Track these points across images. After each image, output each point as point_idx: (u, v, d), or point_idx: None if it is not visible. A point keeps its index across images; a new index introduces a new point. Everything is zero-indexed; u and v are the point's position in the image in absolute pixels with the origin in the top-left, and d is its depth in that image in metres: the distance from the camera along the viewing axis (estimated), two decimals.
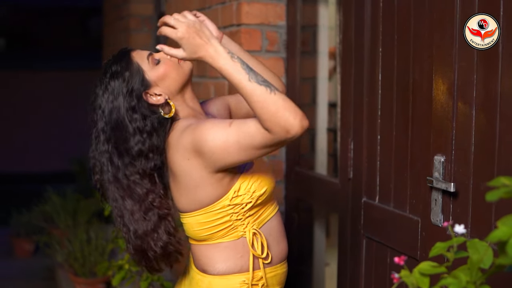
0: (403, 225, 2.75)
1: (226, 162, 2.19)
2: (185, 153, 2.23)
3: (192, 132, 2.21)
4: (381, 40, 2.89)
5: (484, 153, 2.31)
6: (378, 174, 2.95)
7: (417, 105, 2.65)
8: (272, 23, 3.75)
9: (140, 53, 2.35)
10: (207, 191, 2.28)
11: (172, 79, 2.31)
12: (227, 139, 2.14)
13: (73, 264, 5.32)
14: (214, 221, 2.33)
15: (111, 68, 2.31)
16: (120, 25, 6.87)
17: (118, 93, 2.28)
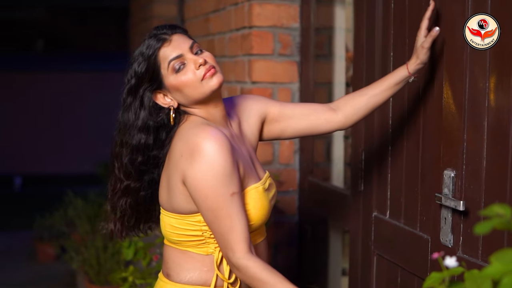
0: (413, 243, 2.56)
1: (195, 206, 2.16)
2: (175, 158, 2.14)
3: (193, 154, 2.09)
4: (392, 43, 2.70)
5: (496, 168, 2.11)
6: (389, 188, 2.76)
7: (428, 114, 2.47)
8: (285, 25, 3.57)
9: (168, 51, 2.16)
10: (180, 200, 2.17)
11: (184, 95, 2.17)
12: (213, 198, 2.09)
13: (88, 271, 5.18)
14: (185, 230, 2.20)
15: (140, 49, 2.19)
16: (144, 26, 6.75)
17: (132, 77, 2.20)
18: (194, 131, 2.13)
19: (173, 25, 2.23)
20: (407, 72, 2.34)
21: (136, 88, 2.18)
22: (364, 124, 2.90)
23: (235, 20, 3.80)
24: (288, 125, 2.46)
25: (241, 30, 3.69)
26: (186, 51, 2.15)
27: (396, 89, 2.40)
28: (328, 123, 2.46)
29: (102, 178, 8.69)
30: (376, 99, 2.42)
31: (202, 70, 2.13)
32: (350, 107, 2.44)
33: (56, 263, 6.84)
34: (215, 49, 4.26)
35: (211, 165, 2.07)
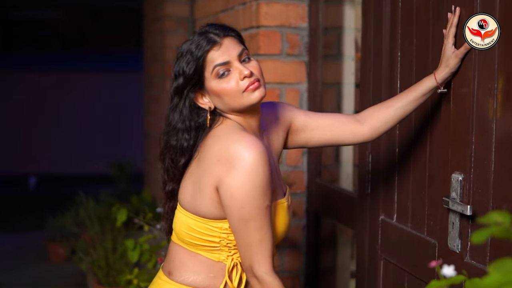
0: (420, 248, 2.50)
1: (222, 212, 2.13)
2: (210, 161, 2.09)
3: (232, 161, 2.04)
4: (399, 43, 2.64)
5: (505, 171, 2.04)
6: (396, 191, 2.70)
7: (435, 116, 2.40)
8: (293, 25, 3.51)
9: (216, 55, 2.10)
10: (207, 204, 2.13)
11: (223, 102, 2.13)
12: (249, 208, 2.06)
13: (97, 272, 5.14)
14: (202, 234, 2.16)
15: (190, 47, 2.12)
16: (157, 26, 6.71)
17: (180, 75, 2.14)
18: (235, 137, 2.09)
19: (226, 27, 2.17)
20: (435, 82, 2.25)
21: (182, 88, 2.13)
22: None
23: (243, 19, 3.74)
24: (312, 136, 2.42)
25: (249, 30, 3.64)
26: (233, 58, 2.10)
27: (422, 100, 2.32)
28: (353, 135, 2.41)
29: (115, 178, 8.69)
30: (402, 111, 2.35)
31: (246, 82, 2.09)
32: (376, 119, 2.39)
33: (67, 264, 6.81)
34: None
35: (251, 175, 2.03)
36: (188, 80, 2.11)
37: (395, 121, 2.38)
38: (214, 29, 2.13)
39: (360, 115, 2.44)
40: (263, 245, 2.07)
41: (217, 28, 2.13)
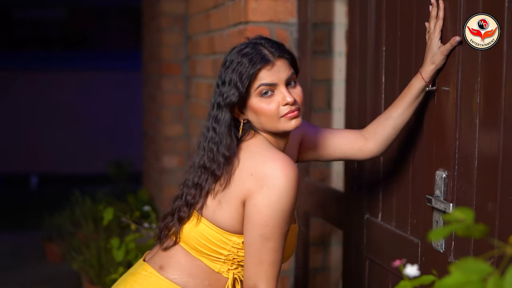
0: (403, 247, 2.43)
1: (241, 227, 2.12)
2: (242, 174, 2.08)
3: (267, 179, 2.02)
4: (384, 37, 2.58)
5: (487, 168, 1.98)
6: (381, 189, 2.64)
7: (419, 112, 2.33)
8: (282, 20, 3.44)
9: (265, 75, 2.07)
10: (229, 216, 2.11)
11: (258, 120, 2.12)
12: (272, 228, 2.04)
13: (89, 271, 5.08)
14: (213, 244, 2.13)
15: (242, 60, 2.07)
16: (154, 24, 6.66)
17: (231, 89, 2.10)
18: (271, 155, 2.07)
19: (283, 47, 2.14)
20: (423, 81, 2.21)
21: (232, 104, 2.09)
22: (357, 117, 2.77)
23: (233, 15, 3.68)
24: (322, 154, 2.43)
25: (238, 26, 3.57)
26: (281, 81, 2.08)
27: (417, 103, 2.28)
28: (361, 152, 2.41)
29: (113, 177, 8.64)
30: (401, 119, 2.32)
31: (286, 109, 2.08)
32: (379, 135, 2.37)
33: (64, 263, 6.76)
34: (215, 45, 4.15)
35: (282, 196, 2.01)
36: (239, 96, 2.07)
37: (397, 130, 2.35)
38: (270, 47, 2.10)
39: (365, 130, 2.42)
40: (274, 267, 2.06)
41: (273, 46, 2.10)
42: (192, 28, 5.04)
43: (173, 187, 6.00)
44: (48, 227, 6.91)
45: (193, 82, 5.06)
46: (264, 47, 2.10)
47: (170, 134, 6.01)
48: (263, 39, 2.14)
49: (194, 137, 5.08)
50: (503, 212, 1.90)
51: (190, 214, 2.17)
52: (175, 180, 5.99)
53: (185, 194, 2.20)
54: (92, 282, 5.07)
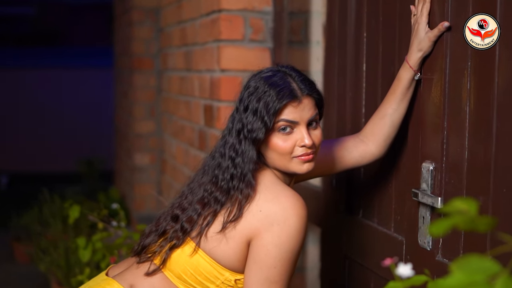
0: (387, 245, 2.29)
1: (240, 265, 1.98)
2: (250, 210, 1.94)
3: (278, 219, 1.90)
4: (365, 23, 2.43)
5: (478, 160, 1.83)
6: (362, 183, 2.49)
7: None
8: (257, 9, 3.28)
9: (289, 111, 1.94)
10: (230, 251, 1.96)
11: (269, 154, 1.99)
12: (280, 271, 1.91)
13: (57, 272, 4.90)
14: (201, 275, 1.98)
15: (271, 93, 1.94)
16: (126, 18, 6.49)
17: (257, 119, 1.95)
18: (282, 193, 1.95)
19: (313, 85, 2.02)
20: (411, 70, 2.06)
21: (258, 141, 1.96)
22: (336, 113, 2.63)
23: (205, 3, 3.52)
24: (324, 171, 2.30)
25: (211, 15, 3.41)
26: (303, 121, 1.96)
27: (410, 94, 2.13)
28: (363, 158, 2.27)
29: (83, 176, 8.45)
30: (398, 114, 2.17)
31: (302, 151, 1.97)
32: (377, 135, 2.22)
33: (32, 264, 6.59)
34: (187, 37, 3.99)
35: (293, 237, 1.90)
36: (267, 132, 1.94)
37: (396, 127, 2.20)
38: (301, 82, 1.98)
39: (362, 133, 2.27)
40: None
41: (304, 83, 1.99)
42: (164, 20, 4.88)
43: (144, 185, 5.85)
44: (16, 227, 6.73)
45: (165, 75, 4.89)
46: (294, 81, 1.98)
47: (142, 131, 5.86)
48: (294, 71, 2.02)
49: (166, 133, 4.91)
50: (496, 206, 1.76)
51: (183, 241, 2.01)
52: (147, 178, 5.84)
53: (181, 218, 2.03)
54: (59, 283, 4.91)
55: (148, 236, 2.10)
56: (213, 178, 2.02)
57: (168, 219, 2.06)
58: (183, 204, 2.06)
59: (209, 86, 3.45)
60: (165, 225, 2.06)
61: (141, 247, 2.09)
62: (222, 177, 1.99)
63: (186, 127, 4.05)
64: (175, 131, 4.47)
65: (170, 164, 4.75)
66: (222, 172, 1.99)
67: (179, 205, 2.07)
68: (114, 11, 7.75)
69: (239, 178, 1.95)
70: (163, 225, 2.07)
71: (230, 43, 3.27)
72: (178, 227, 2.02)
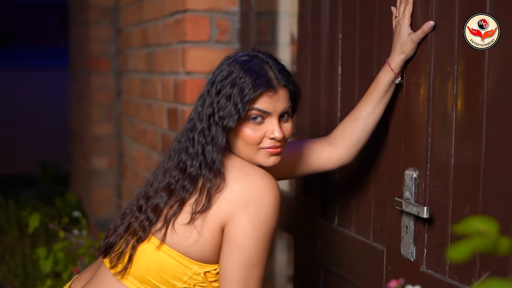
0: (365, 255, 2.21)
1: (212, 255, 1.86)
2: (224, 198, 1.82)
3: (253, 199, 1.79)
4: (341, 24, 2.35)
5: (467, 167, 1.76)
6: (338, 191, 2.41)
7: None
8: (223, 9, 3.18)
9: (263, 100, 1.85)
10: (202, 244, 1.83)
11: (236, 143, 1.88)
12: (261, 253, 1.79)
13: (13, 281, 4.73)
14: (166, 273, 1.85)
15: (246, 80, 1.84)
16: (81, 18, 6.33)
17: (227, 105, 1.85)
18: (253, 171, 1.85)
19: (290, 76, 1.92)
20: (392, 73, 1.97)
21: (229, 129, 1.85)
22: (309, 117, 2.54)
23: (169, 3, 3.41)
24: (285, 174, 2.20)
25: (175, 15, 3.30)
26: (276, 113, 1.87)
27: (387, 98, 2.04)
28: (330, 161, 2.16)
29: (39, 179, 8.25)
30: (372, 118, 2.07)
31: (270, 143, 1.88)
32: (347, 137, 2.12)
33: None
34: (149, 37, 3.87)
35: (270, 217, 1.79)
36: (239, 121, 1.84)
37: (368, 131, 2.10)
38: (279, 72, 1.88)
39: (331, 136, 2.17)
40: None
41: (282, 73, 1.89)
42: (124, 20, 4.74)
43: (102, 189, 5.70)
44: None
45: (125, 77, 4.76)
46: (271, 69, 1.88)
47: (99, 133, 5.71)
48: (271, 58, 1.92)
49: (126, 136, 4.78)
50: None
51: (149, 233, 1.88)
52: (105, 182, 5.69)
53: (146, 207, 1.92)
54: None
55: (114, 231, 1.97)
56: (180, 163, 1.91)
57: (134, 210, 1.94)
58: (148, 193, 1.94)
59: (173, 89, 3.33)
60: (129, 217, 1.94)
61: (107, 245, 1.96)
62: (190, 163, 1.88)
63: (148, 130, 3.93)
64: (136, 134, 4.35)
65: (130, 168, 4.62)
66: (190, 158, 1.89)
67: (144, 194, 1.95)
68: (69, 11, 7.57)
69: (208, 166, 1.84)
70: (127, 218, 1.94)
71: (196, 44, 3.17)
72: (143, 218, 1.90)
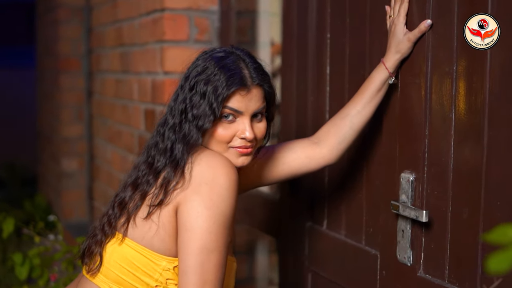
0: (357, 259, 2.16)
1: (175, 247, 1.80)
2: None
3: (202, 180, 1.74)
4: (329, 24, 2.30)
5: (467, 170, 1.71)
6: (327, 192, 2.36)
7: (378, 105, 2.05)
8: (202, 8, 3.11)
9: (235, 99, 1.81)
10: (161, 233, 1.78)
11: (207, 141, 1.84)
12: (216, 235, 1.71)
13: None
14: (138, 270, 1.80)
15: (219, 77, 1.79)
16: (50, 17, 6.22)
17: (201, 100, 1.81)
18: (210, 154, 1.80)
19: (265, 75, 1.89)
20: (387, 72, 1.92)
21: (205, 130, 1.81)
22: (295, 118, 2.48)
23: (145, 2, 3.33)
24: (267, 178, 2.11)
25: (152, 14, 3.23)
26: (248, 112, 1.83)
27: (379, 98, 1.98)
28: (312, 161, 2.08)
29: (6, 181, 8.11)
30: (360, 117, 2.00)
31: (241, 143, 1.83)
32: (333, 136, 2.04)
33: None
34: (124, 37, 3.79)
35: (225, 198, 1.73)
36: (212, 120, 1.80)
37: (356, 131, 2.03)
38: (254, 71, 1.84)
39: (316, 135, 2.10)
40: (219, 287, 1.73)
41: (257, 71, 1.85)
42: (96, 19, 4.65)
43: (73, 192, 5.60)
44: None
45: (98, 78, 4.67)
46: (247, 67, 1.83)
47: (69, 135, 5.61)
48: (248, 56, 1.88)
49: (98, 137, 4.69)
50: (488, 221, 1.64)
51: (114, 229, 1.84)
52: (75, 184, 5.59)
53: (114, 202, 1.88)
54: None
55: (92, 234, 1.92)
56: (149, 158, 1.87)
57: (108, 208, 1.91)
58: (119, 189, 1.91)
59: (151, 89, 3.26)
60: (105, 218, 1.90)
61: (83, 249, 1.92)
62: (158, 158, 1.84)
63: (123, 132, 3.85)
64: (110, 136, 4.26)
65: (104, 170, 4.53)
66: (159, 153, 1.85)
67: (117, 192, 1.92)
68: (37, 9, 7.44)
69: (174, 163, 1.79)
70: (103, 220, 1.90)
71: (174, 44, 3.10)
72: (111, 213, 1.87)
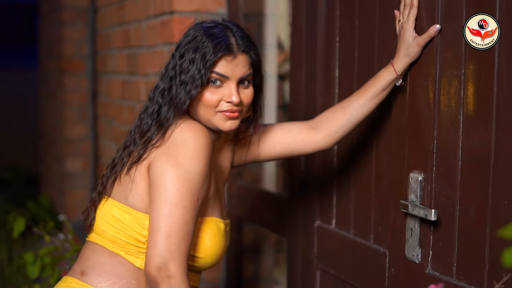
0: (366, 257, 2.21)
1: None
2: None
3: (172, 141, 1.84)
4: (338, 27, 2.35)
5: (475, 170, 1.76)
6: (335, 192, 2.41)
7: (385, 107, 2.10)
8: (211, 11, 3.16)
9: (222, 65, 1.89)
10: (141, 191, 1.89)
11: (195, 106, 1.92)
12: (180, 191, 1.79)
13: None
14: (127, 228, 1.90)
15: (207, 44, 1.88)
16: (53, 18, 6.25)
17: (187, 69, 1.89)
18: (189, 122, 1.88)
19: (251, 42, 1.95)
20: (395, 74, 1.97)
21: (192, 96, 1.88)
22: (304, 115, 2.53)
23: (154, 5, 3.38)
24: (260, 152, 2.19)
25: (161, 17, 3.27)
26: (234, 78, 1.90)
27: (382, 96, 2.04)
28: (306, 144, 2.15)
29: (9, 182, 8.14)
30: (361, 111, 2.07)
31: (227, 106, 1.90)
32: (331, 123, 2.11)
33: None
34: (131, 39, 3.84)
35: (191, 158, 1.81)
36: (200, 85, 1.87)
37: (354, 123, 2.10)
38: (240, 37, 1.92)
39: (314, 120, 2.16)
40: (185, 243, 1.79)
41: (243, 38, 1.92)
42: (102, 21, 4.70)
43: (77, 192, 5.65)
44: None
45: (104, 79, 4.71)
46: (233, 35, 1.91)
47: (73, 135, 5.65)
48: (236, 26, 1.95)
49: (105, 138, 4.74)
50: (496, 219, 1.69)
51: (105, 189, 1.98)
52: (79, 184, 5.64)
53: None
54: None
55: (91, 199, 2.04)
56: (138, 121, 1.97)
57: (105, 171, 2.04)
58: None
59: None
60: (100, 180, 2.02)
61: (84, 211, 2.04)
62: (145, 121, 1.94)
63: None
64: (116, 136, 4.30)
65: None
66: (147, 116, 1.94)
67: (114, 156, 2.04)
68: (39, 11, 7.48)
69: (158, 123, 1.89)
70: (99, 181, 2.03)
71: None
72: (105, 173, 1.99)
